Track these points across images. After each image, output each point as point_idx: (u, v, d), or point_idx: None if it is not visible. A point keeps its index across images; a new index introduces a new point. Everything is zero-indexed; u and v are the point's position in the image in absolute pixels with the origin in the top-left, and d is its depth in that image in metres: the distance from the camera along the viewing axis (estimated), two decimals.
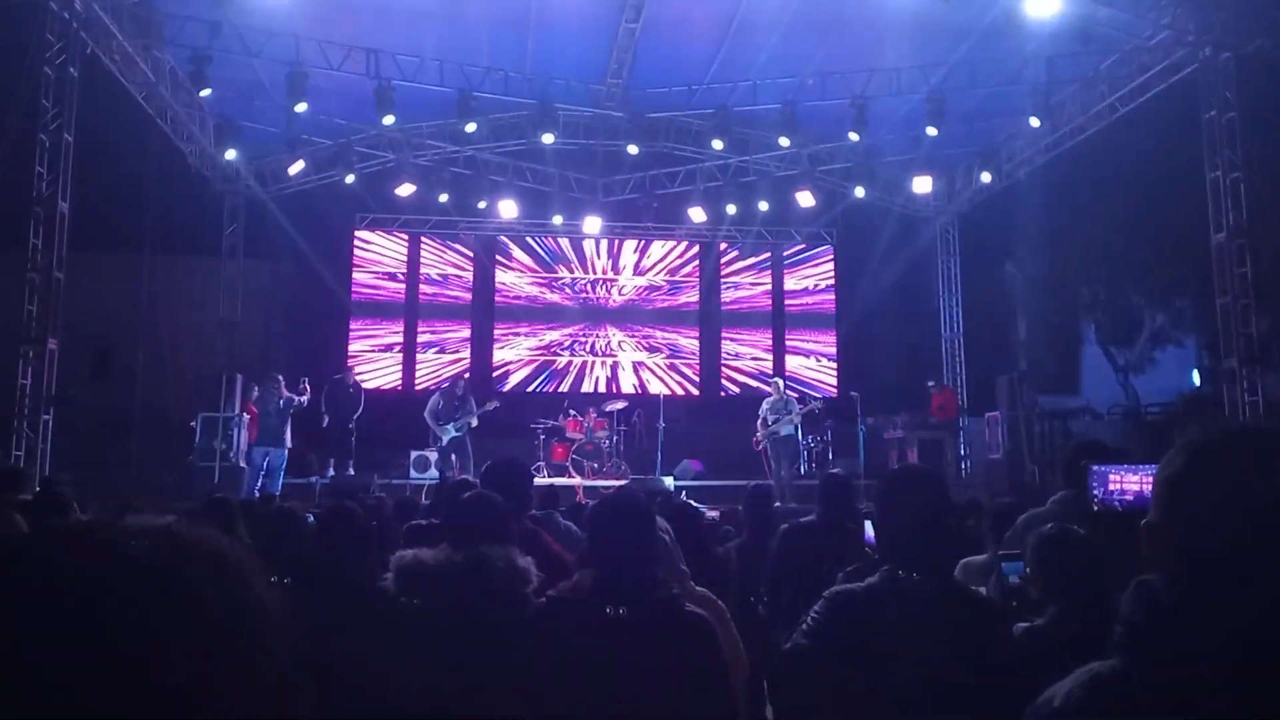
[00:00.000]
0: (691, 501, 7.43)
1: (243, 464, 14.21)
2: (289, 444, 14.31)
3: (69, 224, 11.94)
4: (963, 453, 18.33)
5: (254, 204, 18.41)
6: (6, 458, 10.90)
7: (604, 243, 20.64)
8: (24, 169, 11.76)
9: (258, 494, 12.58)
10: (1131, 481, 3.76)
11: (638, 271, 20.86)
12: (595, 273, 20.78)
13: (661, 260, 20.94)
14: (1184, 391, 23.14)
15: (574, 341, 20.48)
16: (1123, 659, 1.24)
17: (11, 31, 11.92)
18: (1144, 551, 1.29)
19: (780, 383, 15.64)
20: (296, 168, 17.22)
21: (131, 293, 17.60)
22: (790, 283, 21.20)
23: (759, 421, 14.73)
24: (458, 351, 20.28)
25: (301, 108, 14.26)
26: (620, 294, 20.78)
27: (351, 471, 15.18)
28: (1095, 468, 3.99)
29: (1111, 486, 3.86)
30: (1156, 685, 1.17)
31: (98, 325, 17.93)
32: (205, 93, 13.88)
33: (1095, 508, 3.88)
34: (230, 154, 16.10)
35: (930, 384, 17.51)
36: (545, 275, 20.69)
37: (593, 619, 2.72)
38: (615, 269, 20.83)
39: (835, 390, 19.89)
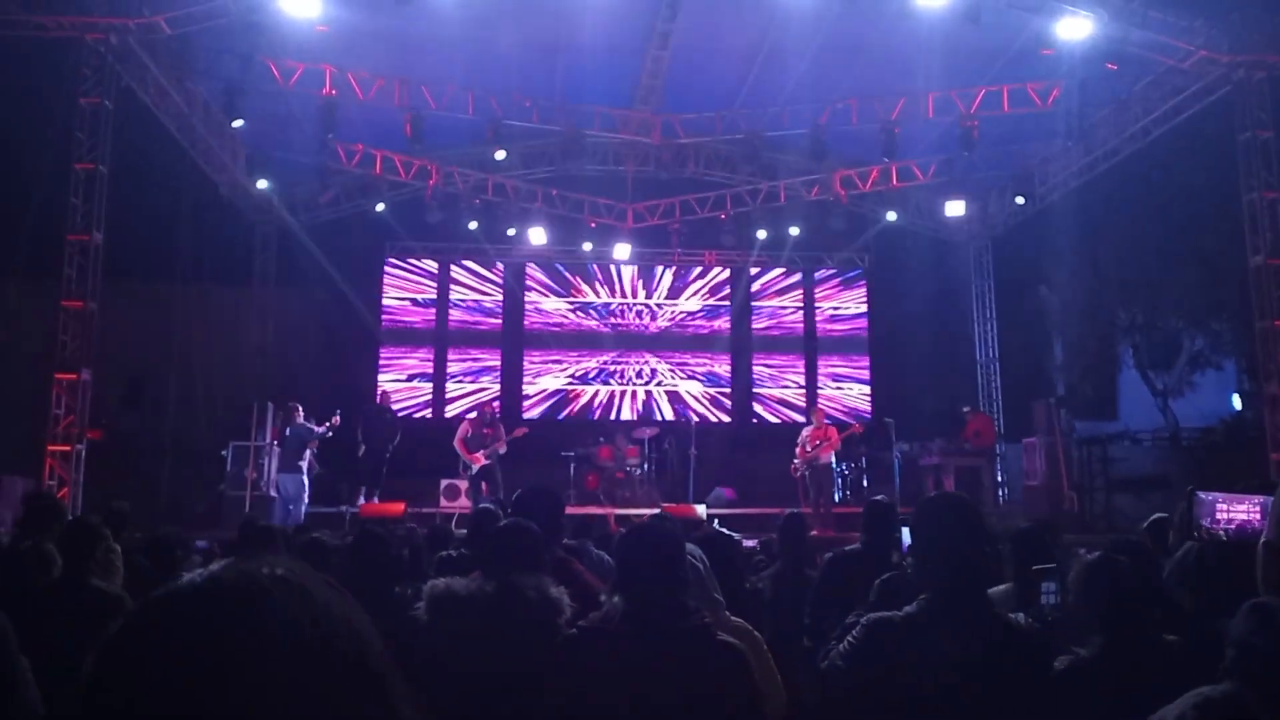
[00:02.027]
0: (724, 530, 7.31)
1: (273, 493, 14.22)
2: (305, 471, 14.24)
3: (102, 254, 12.05)
4: (1000, 479, 18.07)
5: (285, 233, 18.59)
6: (39, 487, 10.95)
7: (634, 269, 20.63)
8: (59, 200, 11.91)
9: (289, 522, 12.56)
10: (1239, 510, 3.64)
11: (668, 298, 20.81)
12: (625, 299, 20.75)
13: (692, 286, 20.88)
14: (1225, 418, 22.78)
15: (605, 368, 20.43)
16: (1237, 683, 1.15)
17: (48, 65, 12.12)
18: (1261, 574, 1.21)
19: (821, 411, 15.49)
20: (327, 196, 17.35)
21: (164, 322, 17.74)
22: (822, 308, 21.08)
23: (798, 449, 14.59)
24: (487, 378, 20.26)
25: (332, 137, 14.38)
26: (651, 320, 20.72)
27: (376, 500, 15.01)
28: (1201, 495, 3.89)
29: (1219, 515, 3.75)
30: (1275, 710, 1.08)
31: (130, 354, 18.06)
32: (237, 124, 14.03)
33: (1198, 536, 3.77)
34: (262, 184, 16.25)
35: (965, 409, 17.31)
36: (575, 302, 20.68)
37: (622, 649, 2.69)
38: (645, 295, 20.79)
39: (869, 416, 19.70)
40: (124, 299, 15.83)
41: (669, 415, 19.81)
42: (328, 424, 14.20)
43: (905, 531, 4.96)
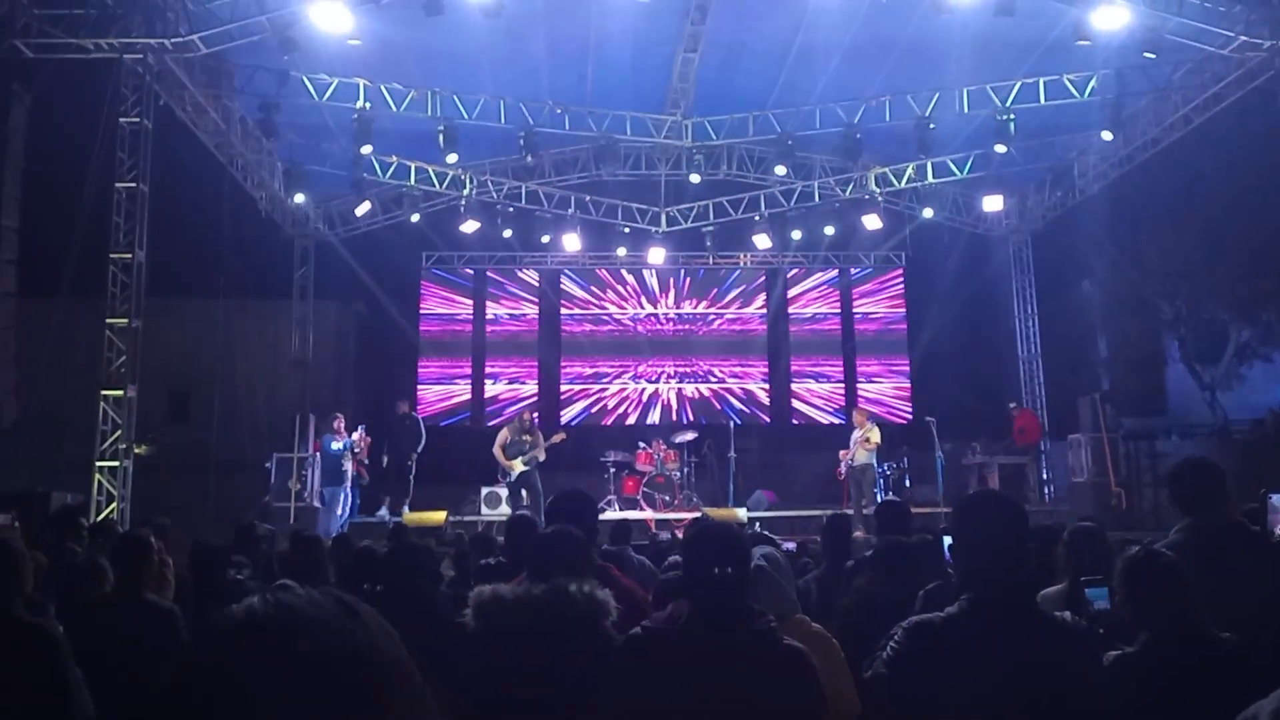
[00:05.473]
0: (766, 533, 7.27)
1: (316, 504, 14.36)
2: (347, 482, 14.38)
3: (145, 271, 12.22)
4: (1045, 477, 17.84)
5: (323, 246, 18.76)
6: (88, 503, 11.12)
7: (670, 273, 20.60)
8: (102, 220, 12.09)
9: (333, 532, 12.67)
10: None
11: (704, 301, 20.76)
12: (661, 303, 20.73)
13: (728, 288, 20.82)
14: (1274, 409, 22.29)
15: (642, 373, 20.41)
16: None
17: (88, 87, 12.30)
18: None
19: (862, 411, 15.38)
20: (363, 209, 17.49)
21: (207, 336, 17.93)
22: (860, 307, 20.94)
23: (842, 451, 14.60)
24: (525, 385, 20.32)
25: (367, 150, 14.51)
26: (687, 324, 20.68)
27: (406, 509, 14.89)
28: (1275, 499, 3.88)
29: None
30: None
31: (175, 369, 18.31)
32: (274, 139, 14.17)
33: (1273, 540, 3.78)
34: (299, 198, 16.43)
35: (1011, 406, 17.12)
36: (611, 307, 20.68)
37: (688, 651, 2.70)
38: (681, 298, 20.76)
39: (909, 416, 19.52)
40: (167, 315, 16.06)
41: (705, 419, 19.73)
42: (351, 437, 14.35)
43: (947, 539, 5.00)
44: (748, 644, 2.71)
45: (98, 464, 11.63)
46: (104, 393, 11.80)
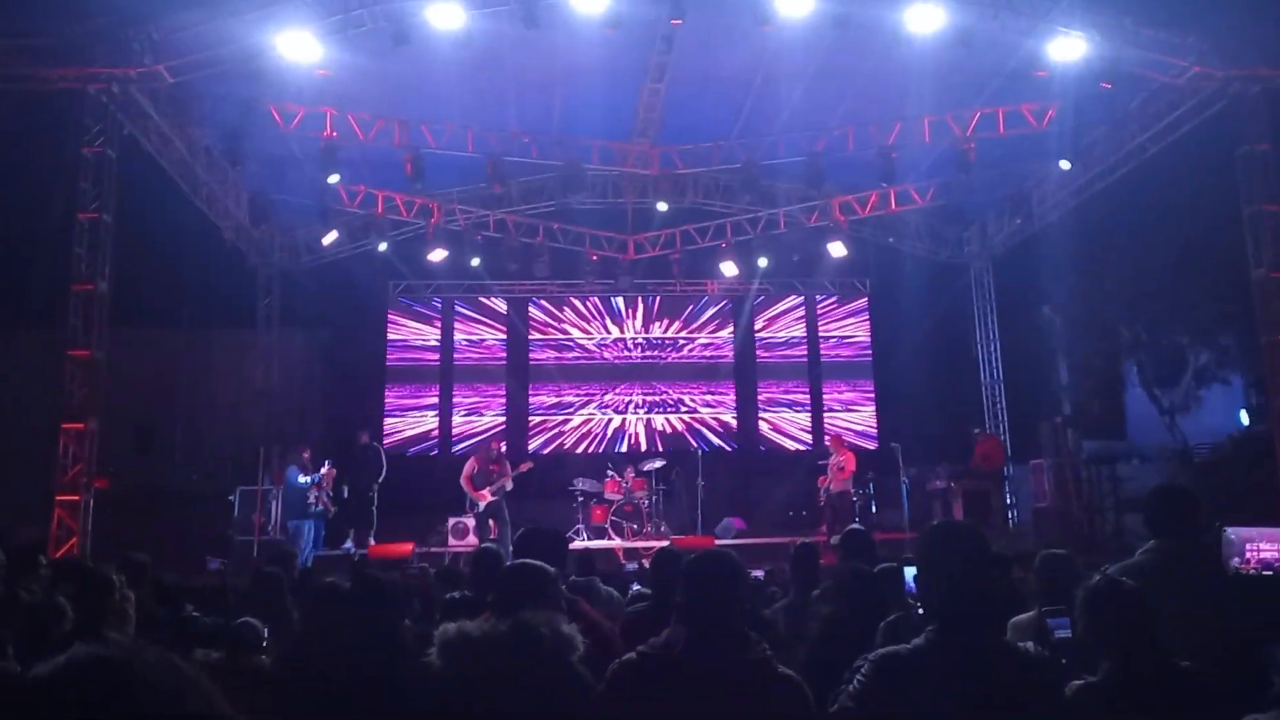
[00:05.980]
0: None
1: (280, 537, 14.21)
2: (312, 514, 14.23)
3: (108, 302, 12.08)
4: (1009, 501, 17.98)
5: (289, 275, 18.65)
6: (46, 538, 10.94)
7: (637, 300, 20.66)
8: (64, 250, 11.96)
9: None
10: (1268, 549, 3.69)
11: (671, 328, 20.82)
12: (628, 331, 20.76)
13: (695, 316, 20.90)
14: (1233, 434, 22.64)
15: (609, 401, 20.41)
16: None
17: (50, 117, 12.21)
18: None
19: (837, 438, 15.47)
20: (330, 238, 17.43)
21: (171, 367, 17.78)
22: (825, 334, 21.07)
23: (821, 478, 14.69)
24: (493, 415, 20.25)
25: (334, 179, 14.48)
26: (654, 351, 20.72)
27: (372, 542, 14.78)
28: (1230, 533, 3.97)
29: (1249, 554, 3.82)
30: None
31: (138, 401, 18.09)
32: (239, 169, 14.11)
33: (1232, 572, 3.87)
34: (265, 228, 16.32)
35: (975, 431, 17.25)
36: (578, 335, 20.69)
37: (684, 677, 2.72)
38: (648, 326, 20.81)
39: (875, 442, 19.63)
40: (130, 346, 15.87)
41: (673, 447, 19.74)
42: (320, 472, 14.22)
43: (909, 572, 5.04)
44: (744, 671, 2.73)
45: (58, 498, 11.45)
46: (64, 426, 11.63)
